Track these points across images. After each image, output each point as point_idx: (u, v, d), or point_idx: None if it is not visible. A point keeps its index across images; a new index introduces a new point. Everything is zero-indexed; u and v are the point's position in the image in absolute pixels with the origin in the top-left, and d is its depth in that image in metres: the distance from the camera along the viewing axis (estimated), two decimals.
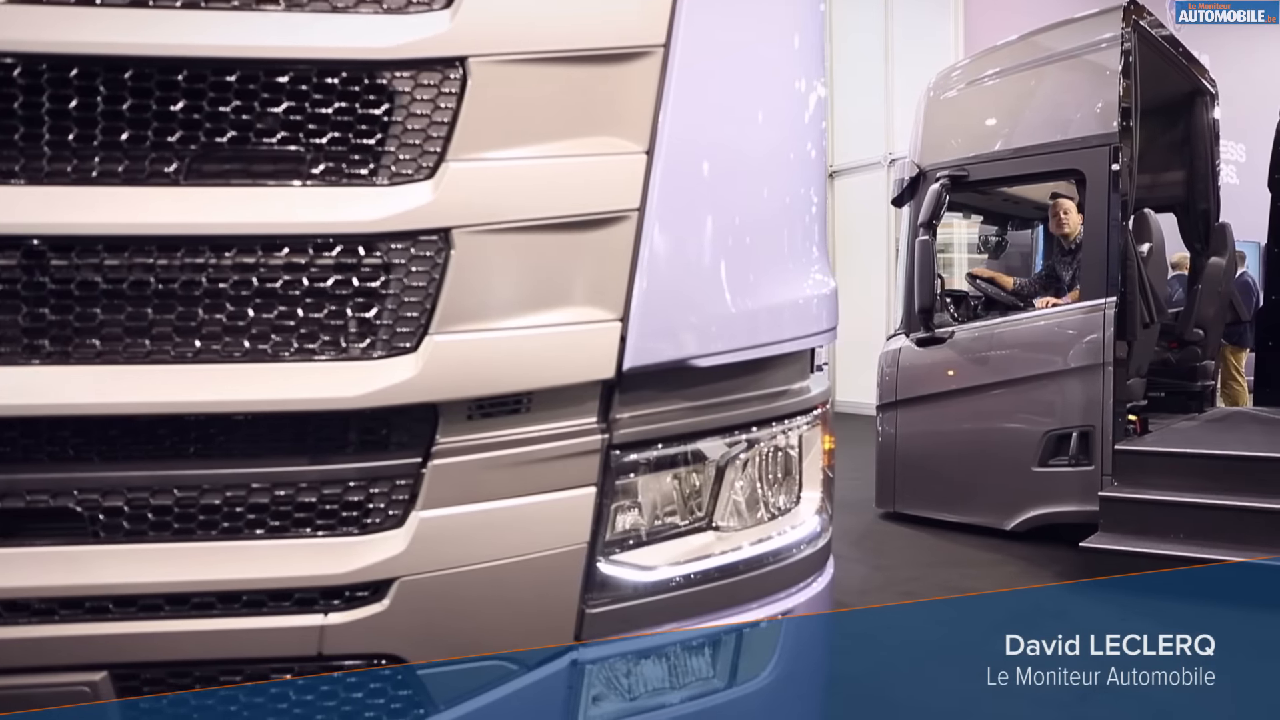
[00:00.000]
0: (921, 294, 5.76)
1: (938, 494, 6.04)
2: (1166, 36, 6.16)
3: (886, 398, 6.32)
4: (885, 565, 5.17)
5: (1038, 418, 5.54)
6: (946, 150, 6.06)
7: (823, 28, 1.79)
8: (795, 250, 1.66)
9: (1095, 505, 5.03)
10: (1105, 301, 5.29)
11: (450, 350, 1.39)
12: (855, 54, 13.44)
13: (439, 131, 1.38)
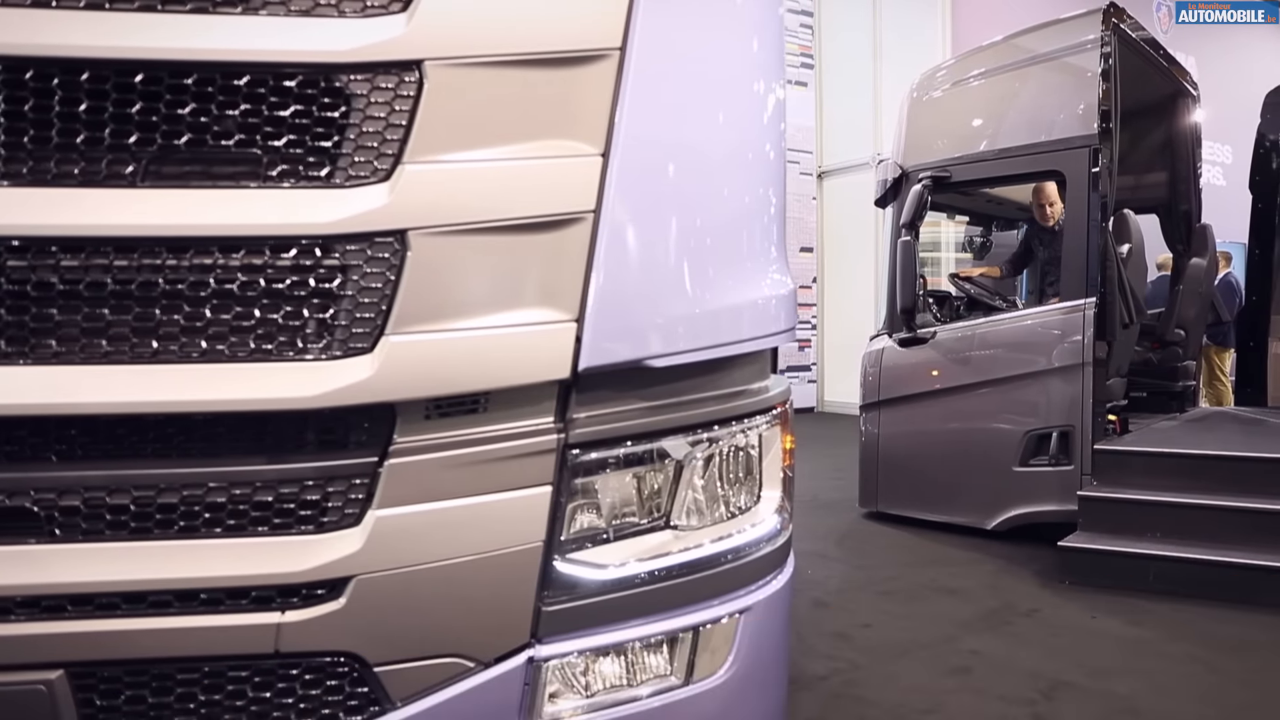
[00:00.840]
0: (904, 294, 5.78)
1: (920, 494, 6.06)
2: (1147, 39, 6.19)
3: (869, 398, 6.34)
4: (866, 565, 5.19)
5: (1018, 417, 5.57)
6: (929, 151, 6.08)
7: (782, 30, 1.80)
8: (753, 251, 1.67)
9: (1075, 504, 5.06)
10: (1085, 302, 5.32)
11: (406, 351, 1.41)
12: (844, 54, 13.49)
13: (395, 134, 1.40)
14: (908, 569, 5.06)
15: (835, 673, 3.54)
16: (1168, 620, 4.16)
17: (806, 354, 13.88)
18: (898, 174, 6.15)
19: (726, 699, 1.62)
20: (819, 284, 13.99)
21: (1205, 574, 4.49)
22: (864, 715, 3.16)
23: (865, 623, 4.15)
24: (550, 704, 1.53)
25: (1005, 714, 3.17)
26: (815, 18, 13.87)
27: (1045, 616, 4.24)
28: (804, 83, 13.78)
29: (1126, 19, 5.63)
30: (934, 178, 5.87)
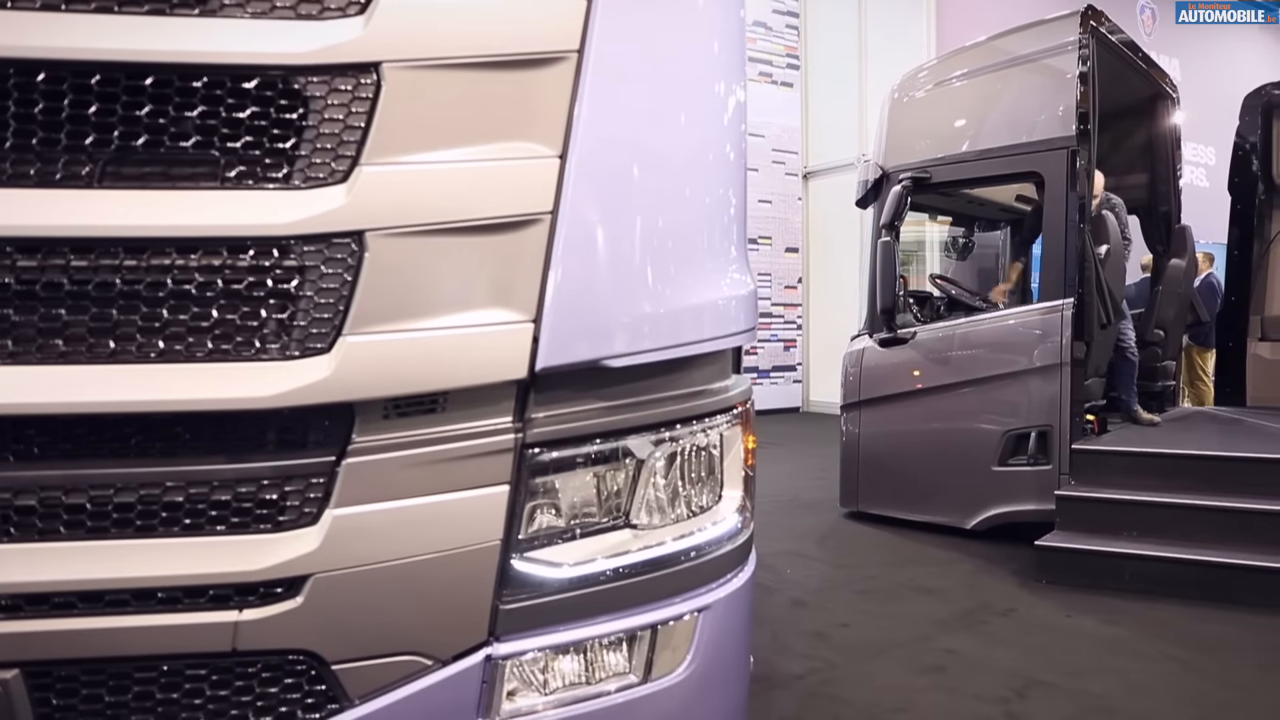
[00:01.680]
0: (883, 295, 5.81)
1: (900, 493, 6.09)
2: (1126, 41, 6.24)
3: (850, 398, 6.37)
4: (846, 564, 5.21)
5: (997, 417, 5.60)
6: (910, 152, 6.12)
7: (743, 32, 1.82)
8: (712, 252, 1.69)
9: (1053, 504, 5.10)
10: (1063, 303, 5.35)
11: (364, 351, 1.42)
12: (829, 55, 13.54)
13: (353, 136, 1.41)
14: (887, 568, 5.09)
15: (811, 672, 3.56)
16: (1143, 619, 4.19)
17: (792, 354, 13.93)
18: (878, 175, 6.18)
19: (686, 696, 1.63)
20: (804, 284, 14.04)
21: (1181, 573, 4.53)
22: (838, 714, 3.18)
23: (843, 622, 4.17)
24: (509, 702, 1.54)
25: (978, 713, 3.19)
26: (801, 19, 13.92)
27: (1021, 615, 4.27)
28: (790, 83, 13.83)
29: (1105, 21, 5.68)
30: (914, 178, 5.90)
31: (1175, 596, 4.45)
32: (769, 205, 13.60)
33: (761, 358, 13.62)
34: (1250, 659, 3.70)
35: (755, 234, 13.44)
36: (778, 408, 13.66)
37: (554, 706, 1.56)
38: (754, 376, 13.46)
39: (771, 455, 9.53)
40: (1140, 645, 3.85)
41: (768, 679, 3.48)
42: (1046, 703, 3.26)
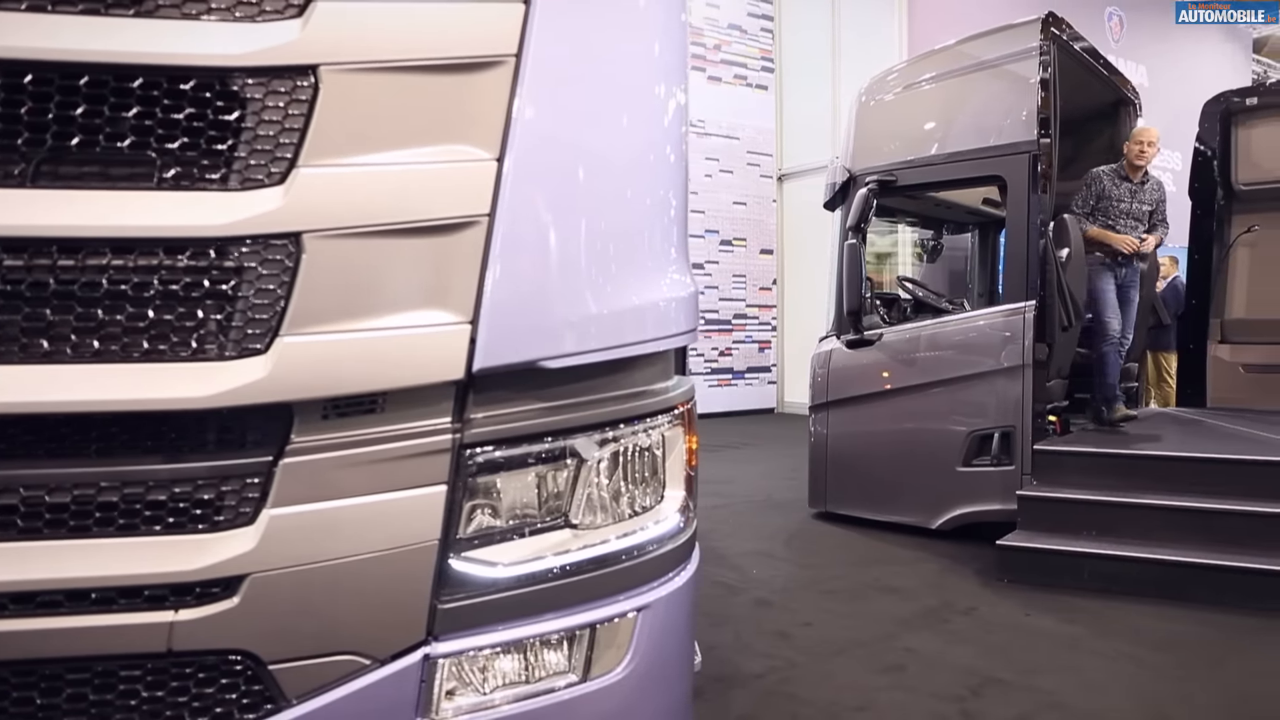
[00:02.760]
0: (849, 296, 5.86)
1: (867, 494, 6.15)
2: (1088, 48, 6.32)
3: (818, 399, 6.42)
4: (813, 564, 5.25)
5: (962, 418, 5.66)
6: (877, 155, 6.17)
7: (685, 36, 1.83)
8: (652, 253, 1.71)
9: (1015, 504, 5.16)
10: (1025, 305, 5.42)
11: (301, 351, 1.42)
12: (803, 58, 13.62)
13: (290, 138, 1.41)
14: (852, 568, 5.13)
15: (772, 671, 3.58)
16: (1099, 617, 4.25)
17: (767, 355, 13.99)
18: (845, 177, 6.23)
19: (626, 695, 1.65)
20: (779, 286, 14.11)
21: (1138, 571, 4.60)
22: (796, 713, 3.20)
23: (806, 621, 4.20)
24: (447, 701, 1.55)
25: (934, 710, 3.23)
26: (775, 22, 14.00)
27: (982, 614, 4.31)
28: (764, 86, 13.91)
29: (1066, 28, 5.75)
30: (880, 181, 5.95)
31: (1132, 594, 4.51)
32: (743, 207, 13.67)
33: (736, 359, 13.68)
34: (1201, 655, 3.76)
35: (730, 236, 13.51)
36: (752, 408, 13.74)
37: (493, 706, 1.57)
38: (729, 377, 13.52)
39: (745, 456, 9.58)
40: (1095, 643, 3.90)
41: (728, 678, 3.50)
42: (1001, 700, 3.30)
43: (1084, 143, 7.55)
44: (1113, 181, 6.05)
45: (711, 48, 13.33)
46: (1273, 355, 7.13)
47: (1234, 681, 3.48)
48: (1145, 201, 6.06)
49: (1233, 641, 3.92)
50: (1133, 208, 6.05)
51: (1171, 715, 3.17)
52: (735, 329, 13.66)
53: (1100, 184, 6.06)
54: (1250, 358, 7.26)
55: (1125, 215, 6.04)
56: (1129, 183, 6.03)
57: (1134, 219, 6.07)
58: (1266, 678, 3.52)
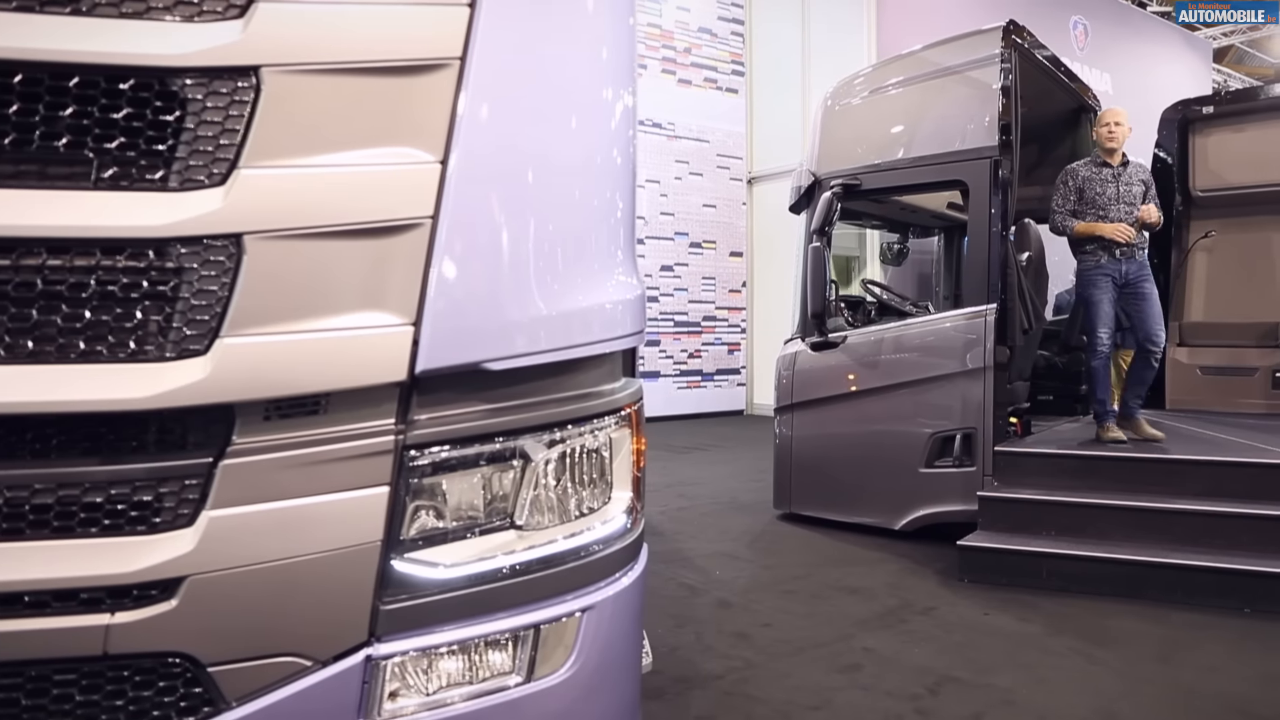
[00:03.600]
0: (813, 299, 5.91)
1: (831, 495, 6.19)
2: (1049, 57, 6.41)
3: (783, 400, 6.46)
4: (775, 565, 5.28)
5: (924, 420, 5.72)
6: (841, 159, 6.22)
7: (634, 40, 1.85)
8: (599, 255, 1.72)
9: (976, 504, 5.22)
10: (986, 308, 5.49)
11: (242, 353, 1.42)
12: (774, 61, 13.70)
13: (231, 139, 1.41)
14: (815, 569, 5.16)
15: (730, 671, 3.60)
16: (1055, 615, 4.31)
17: (736, 357, 14.04)
18: (811, 181, 6.27)
19: (571, 695, 1.66)
20: (749, 288, 14.17)
21: (1094, 570, 4.67)
22: (752, 713, 3.22)
23: (766, 622, 4.23)
24: (390, 702, 1.55)
25: (889, 709, 3.26)
26: (746, 26, 14.07)
27: (941, 614, 4.36)
28: (735, 89, 13.97)
29: (1027, 36, 5.82)
30: (845, 185, 6.01)
31: (1088, 593, 4.58)
32: (714, 210, 13.71)
33: (706, 361, 13.72)
34: (1149, 651, 3.83)
35: (700, 238, 13.55)
36: (722, 410, 13.78)
37: (436, 707, 1.57)
38: (698, 379, 13.55)
39: (712, 457, 9.62)
40: (1050, 641, 3.96)
41: (687, 679, 3.52)
42: (956, 698, 3.34)
43: (1046, 149, 7.65)
44: (1090, 170, 5.62)
45: (682, 50, 13.37)
46: (1229, 358, 7.27)
47: (1180, 677, 3.55)
48: (1133, 183, 5.57)
49: (1181, 638, 3.99)
50: (1120, 191, 5.54)
51: (1118, 711, 3.22)
52: (705, 331, 13.70)
53: (1076, 177, 5.64)
54: (1207, 360, 7.38)
55: (1115, 201, 5.52)
56: (1108, 168, 5.58)
57: (1125, 204, 5.52)
58: (1211, 673, 3.59)
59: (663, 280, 13.18)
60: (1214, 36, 19.97)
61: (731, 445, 10.52)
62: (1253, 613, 4.27)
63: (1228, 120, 7.45)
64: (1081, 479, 5.15)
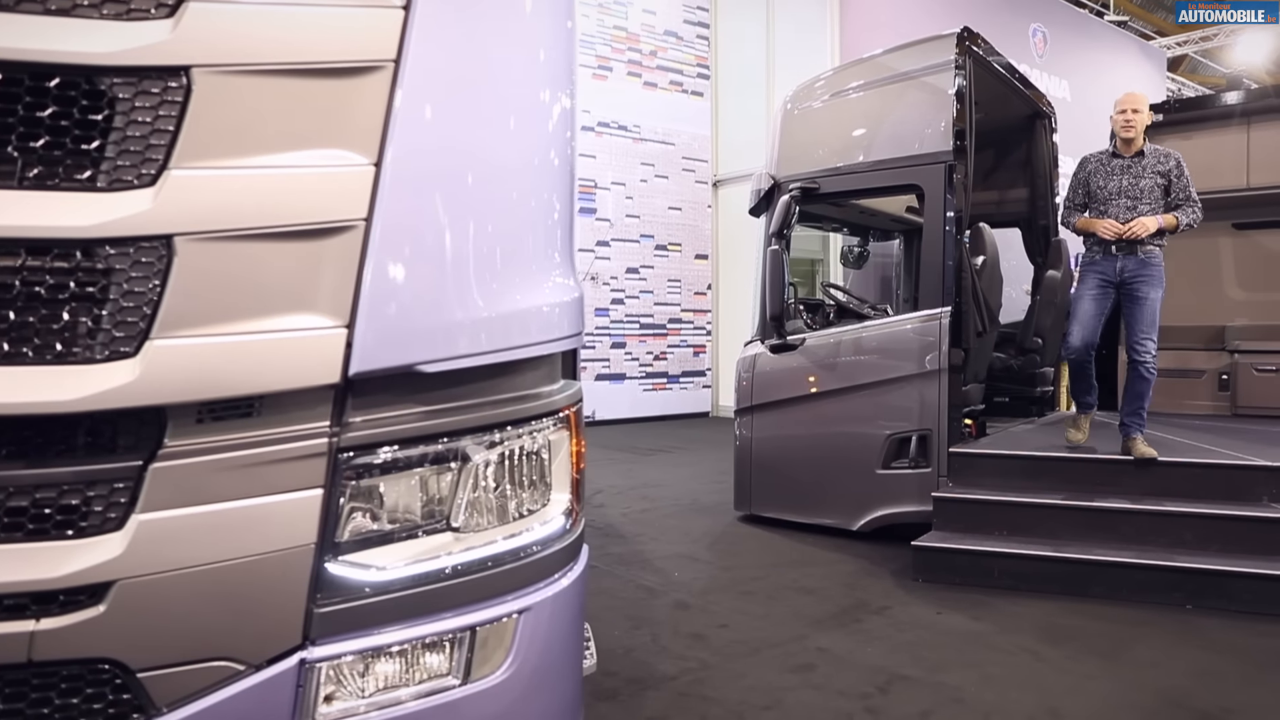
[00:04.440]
0: (772, 302, 5.94)
1: (790, 496, 6.23)
2: (1004, 64, 6.50)
3: (743, 402, 6.49)
4: (733, 566, 5.30)
5: (881, 421, 5.77)
6: (800, 162, 6.27)
7: (572, 42, 1.85)
8: (535, 258, 1.73)
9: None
10: (941, 311, 5.55)
11: (172, 355, 1.41)
12: (739, 65, 13.77)
13: (161, 139, 1.40)
14: (773, 570, 5.19)
15: (685, 672, 3.62)
16: (1005, 614, 4.37)
17: (702, 359, 14.08)
18: (770, 184, 6.31)
19: (508, 697, 1.66)
20: (714, 290, 14.21)
21: (1044, 569, 4.74)
22: (706, 714, 3.24)
23: (723, 623, 4.25)
24: (325, 705, 1.55)
25: (840, 708, 3.29)
26: (712, 29, 14.13)
27: (894, 614, 4.41)
28: (700, 93, 14.03)
29: (981, 42, 5.91)
30: (803, 189, 6.05)
31: (1038, 591, 4.65)
32: (679, 212, 13.74)
33: (671, 363, 13.74)
34: (1094, 648, 3.89)
35: (665, 240, 13.58)
36: (687, 412, 13.81)
37: (372, 709, 1.57)
38: (664, 381, 13.58)
39: (676, 460, 9.64)
40: (1000, 639, 4.02)
41: (641, 680, 3.53)
42: (905, 696, 3.38)
43: (1002, 155, 7.77)
44: (1100, 162, 5.27)
45: (648, 53, 13.40)
46: (1177, 361, 7.41)
47: (1122, 673, 3.61)
48: (1143, 175, 5.11)
49: (1125, 634, 4.06)
50: (1124, 184, 5.13)
51: (1061, 707, 3.27)
52: (670, 333, 13.73)
53: (1085, 169, 5.33)
54: (1158, 362, 7.51)
55: (1118, 195, 5.14)
56: (1119, 159, 5.20)
57: (1129, 198, 5.12)
58: (1152, 668, 3.66)
59: (628, 282, 13.19)
60: (1168, 46, 20.37)
61: (696, 447, 10.55)
62: (1194, 608, 4.37)
63: (1177, 128, 7.61)
64: (1033, 480, 5.23)
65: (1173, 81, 20.76)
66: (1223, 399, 7.46)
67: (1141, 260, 5.11)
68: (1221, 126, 7.49)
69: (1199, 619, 4.25)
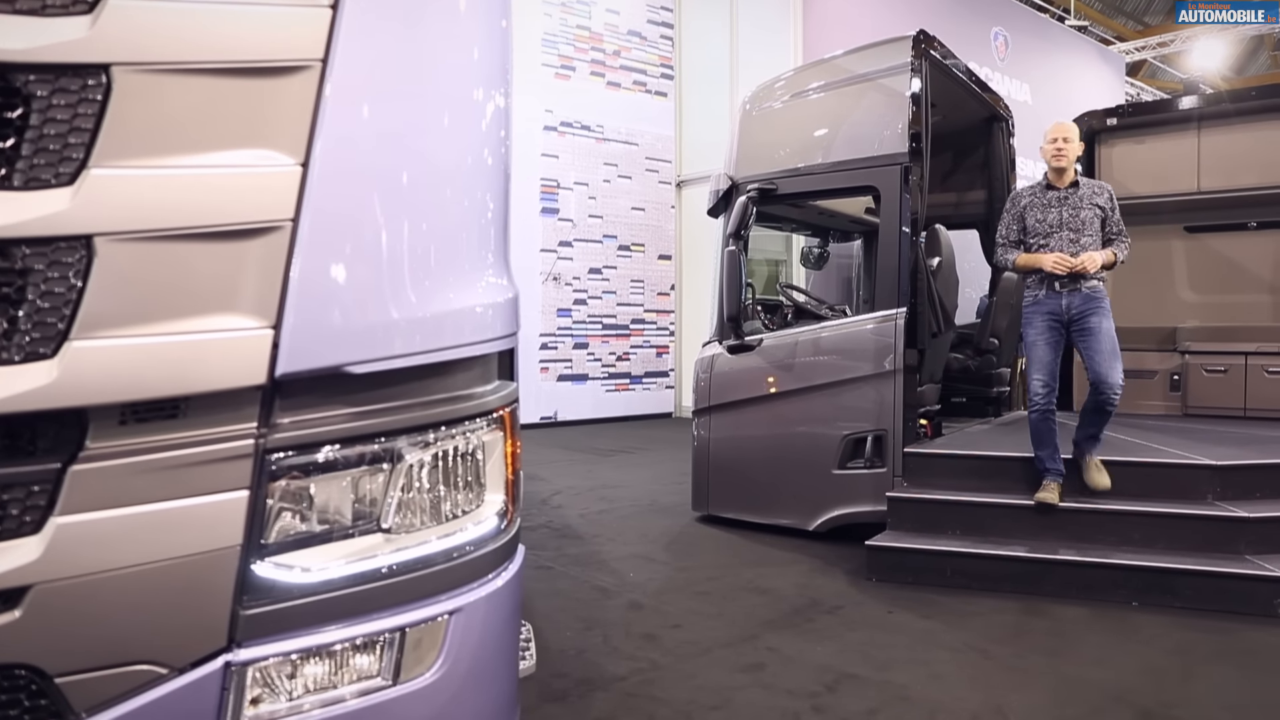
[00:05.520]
0: (729, 302, 5.96)
1: (748, 497, 6.26)
2: (961, 67, 6.58)
3: (701, 403, 6.52)
4: (689, 566, 5.32)
5: (837, 422, 5.81)
6: (759, 163, 6.30)
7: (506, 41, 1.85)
8: (467, 258, 1.72)
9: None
10: (897, 311, 5.61)
11: (92, 356, 1.39)
12: (703, 66, 13.80)
13: (80, 138, 1.39)
14: (728, 570, 5.22)
15: (635, 673, 3.63)
16: (956, 612, 4.42)
17: (665, 360, 14.10)
18: (728, 185, 6.34)
19: (439, 699, 1.66)
20: (677, 291, 14.23)
21: (994, 568, 4.81)
22: (654, 714, 3.25)
23: (676, 623, 4.26)
24: (252, 708, 1.53)
25: (788, 707, 3.31)
26: (676, 29, 14.15)
27: (846, 613, 4.44)
28: (664, 93, 14.04)
29: (937, 45, 5.97)
30: (760, 189, 6.08)
31: (989, 590, 4.71)
32: (642, 213, 13.75)
33: (634, 364, 13.75)
34: (1041, 645, 3.96)
35: (629, 241, 13.58)
36: (650, 413, 13.82)
37: (300, 712, 1.56)
38: (626, 382, 13.58)
39: (637, 460, 9.64)
40: (948, 637, 4.07)
41: (590, 681, 3.53)
42: (853, 695, 3.41)
43: (960, 157, 7.87)
44: (1034, 195, 5.11)
45: (611, 53, 13.39)
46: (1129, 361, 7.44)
47: (1067, 670, 3.67)
48: (1082, 206, 4.98)
49: (1071, 632, 4.13)
50: (1065, 216, 4.97)
51: (1006, 703, 3.32)
52: (633, 334, 13.73)
53: (1018, 203, 5.16)
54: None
55: (1058, 228, 4.97)
56: (1054, 190, 5.06)
57: (1070, 230, 4.95)
58: (1097, 665, 3.73)
59: (591, 283, 13.17)
60: (1128, 51, 20.72)
61: (658, 448, 10.56)
62: (1140, 605, 4.45)
63: (1131, 132, 7.74)
64: (986, 479, 5.30)
65: (1131, 86, 21.11)
66: (1174, 399, 7.60)
67: (1087, 295, 4.94)
68: (1172, 131, 7.62)
69: (1145, 616, 4.33)
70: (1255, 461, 5.06)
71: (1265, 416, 6.96)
